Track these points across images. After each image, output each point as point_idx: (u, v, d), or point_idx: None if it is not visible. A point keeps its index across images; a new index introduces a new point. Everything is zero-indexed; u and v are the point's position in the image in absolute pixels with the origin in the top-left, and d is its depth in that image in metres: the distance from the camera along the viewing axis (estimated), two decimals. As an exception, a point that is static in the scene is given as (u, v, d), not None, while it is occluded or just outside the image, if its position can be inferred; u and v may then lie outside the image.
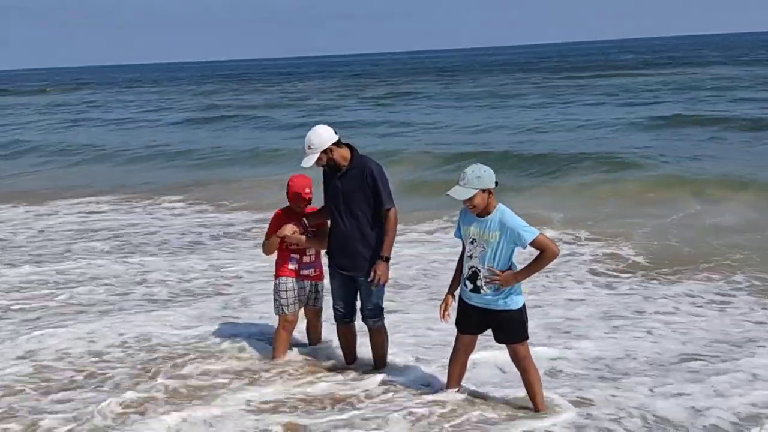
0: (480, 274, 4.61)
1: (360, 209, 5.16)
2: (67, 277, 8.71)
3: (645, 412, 4.85)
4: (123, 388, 5.36)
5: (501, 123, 24.12)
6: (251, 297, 7.65)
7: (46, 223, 12.46)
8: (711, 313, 6.95)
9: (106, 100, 49.63)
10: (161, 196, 14.59)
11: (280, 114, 31.58)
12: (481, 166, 4.56)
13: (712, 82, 35.39)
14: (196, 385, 5.43)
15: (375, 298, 5.30)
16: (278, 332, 5.69)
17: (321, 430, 4.70)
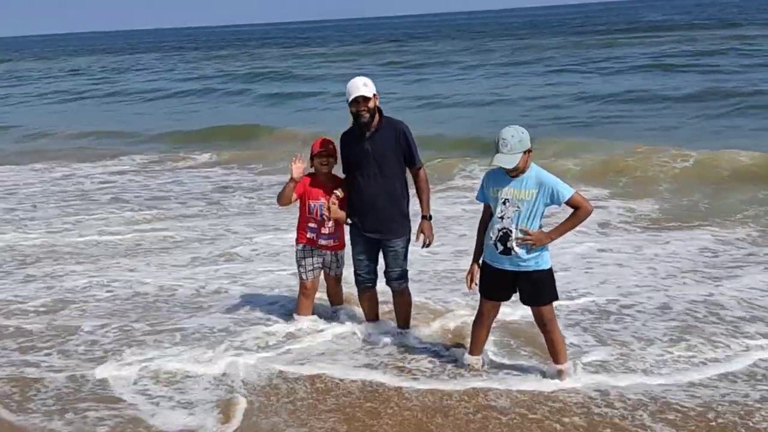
0: (512, 235, 4.54)
1: (392, 171, 5.12)
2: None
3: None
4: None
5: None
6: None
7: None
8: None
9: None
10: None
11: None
12: (518, 128, 4.47)
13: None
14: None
15: (401, 261, 5.29)
16: (299, 298, 5.81)
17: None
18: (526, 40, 51.11)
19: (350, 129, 5.24)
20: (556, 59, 33.67)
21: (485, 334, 4.97)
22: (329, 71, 35.60)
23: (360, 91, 4.97)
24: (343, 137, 5.31)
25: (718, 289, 6.43)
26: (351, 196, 5.32)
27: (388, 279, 5.37)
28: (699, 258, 7.39)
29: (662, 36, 42.81)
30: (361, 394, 4.80)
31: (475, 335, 4.98)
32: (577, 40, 45.06)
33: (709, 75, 23.43)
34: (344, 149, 5.29)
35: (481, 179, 4.79)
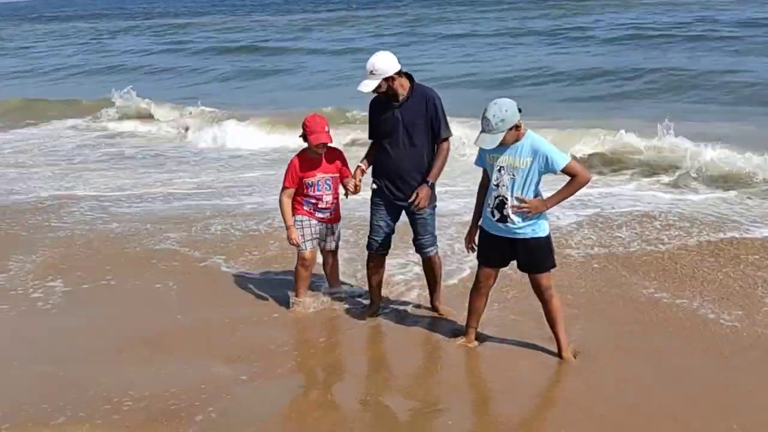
0: (508, 203, 4.54)
1: (420, 140, 5.10)
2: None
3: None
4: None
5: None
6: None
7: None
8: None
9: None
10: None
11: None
12: (501, 106, 4.38)
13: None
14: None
15: (431, 228, 5.31)
16: (297, 269, 5.69)
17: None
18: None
19: (379, 95, 5.16)
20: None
21: (483, 303, 4.95)
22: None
23: (362, 88, 5.00)
24: (373, 103, 5.27)
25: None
26: (378, 163, 5.28)
27: (419, 247, 5.36)
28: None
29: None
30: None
31: (473, 305, 4.96)
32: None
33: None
34: (374, 116, 5.25)
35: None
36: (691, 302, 5.67)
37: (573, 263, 6.56)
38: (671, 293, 5.85)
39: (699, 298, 5.75)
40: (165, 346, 5.22)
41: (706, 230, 7.28)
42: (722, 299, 5.71)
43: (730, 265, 6.39)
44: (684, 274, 6.25)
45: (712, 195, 8.64)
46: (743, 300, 5.69)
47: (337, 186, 5.56)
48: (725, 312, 5.46)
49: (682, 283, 6.06)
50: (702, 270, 6.32)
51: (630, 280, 6.18)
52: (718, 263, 6.45)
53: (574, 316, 5.32)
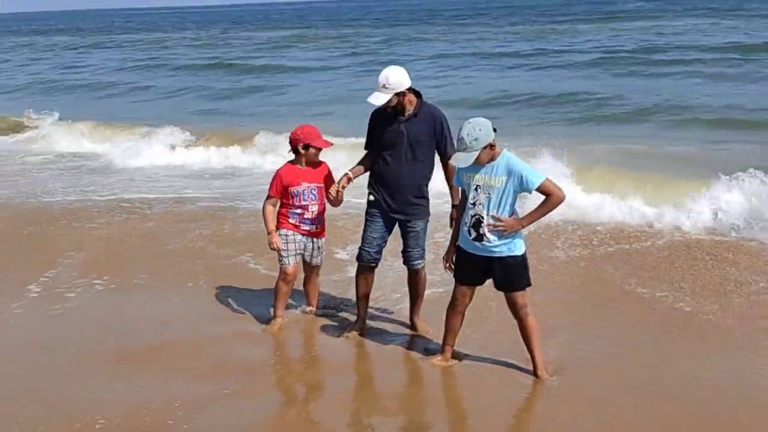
0: (483, 221, 4.58)
1: (423, 155, 5.18)
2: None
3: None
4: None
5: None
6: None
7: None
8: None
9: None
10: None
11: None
12: (475, 125, 4.46)
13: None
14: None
15: (422, 242, 5.38)
16: (278, 284, 5.67)
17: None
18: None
19: (384, 107, 5.19)
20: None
21: (459, 321, 4.97)
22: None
23: (373, 100, 5.06)
24: (376, 114, 5.30)
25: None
26: (378, 175, 5.31)
27: (408, 259, 5.41)
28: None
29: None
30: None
31: (449, 322, 4.98)
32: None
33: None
34: (376, 127, 5.28)
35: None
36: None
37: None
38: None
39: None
40: (140, 360, 5.20)
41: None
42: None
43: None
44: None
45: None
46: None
47: (323, 196, 5.58)
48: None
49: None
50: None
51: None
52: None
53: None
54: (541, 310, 5.10)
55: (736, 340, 5.41)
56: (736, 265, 6.93)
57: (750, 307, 6.01)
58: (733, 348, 5.30)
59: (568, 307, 6.11)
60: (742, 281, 6.55)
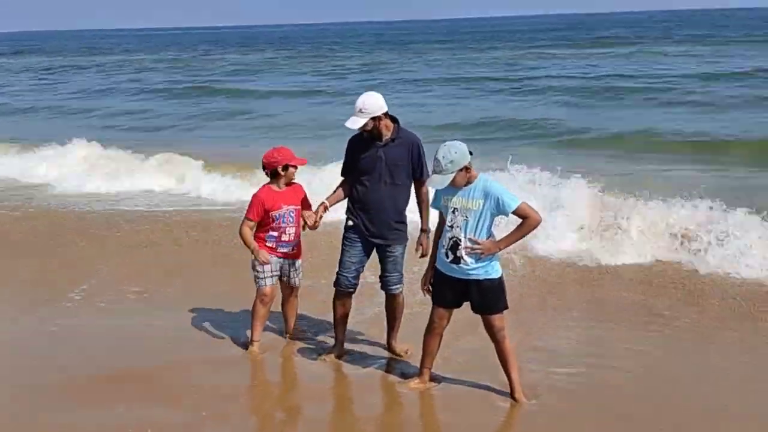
0: (461, 244, 4.60)
1: (401, 180, 5.23)
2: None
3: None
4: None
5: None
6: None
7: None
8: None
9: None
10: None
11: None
12: (451, 148, 4.52)
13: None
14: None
15: (400, 266, 5.40)
16: (255, 306, 5.63)
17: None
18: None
19: (361, 133, 5.25)
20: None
21: (437, 344, 4.96)
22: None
23: (350, 124, 5.11)
24: (353, 140, 5.35)
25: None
26: (356, 199, 5.33)
27: (386, 283, 5.42)
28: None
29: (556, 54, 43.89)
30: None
31: (427, 345, 4.97)
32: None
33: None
34: (353, 153, 5.32)
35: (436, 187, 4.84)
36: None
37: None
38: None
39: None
40: (114, 385, 5.12)
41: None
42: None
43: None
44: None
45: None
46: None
47: (300, 218, 5.59)
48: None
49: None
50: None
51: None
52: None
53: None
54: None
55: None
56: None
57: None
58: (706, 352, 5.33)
59: (546, 330, 6.13)
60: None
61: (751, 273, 7.14)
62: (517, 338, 5.23)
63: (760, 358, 5.58)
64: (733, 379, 5.18)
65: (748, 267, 7.21)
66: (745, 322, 6.19)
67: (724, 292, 6.83)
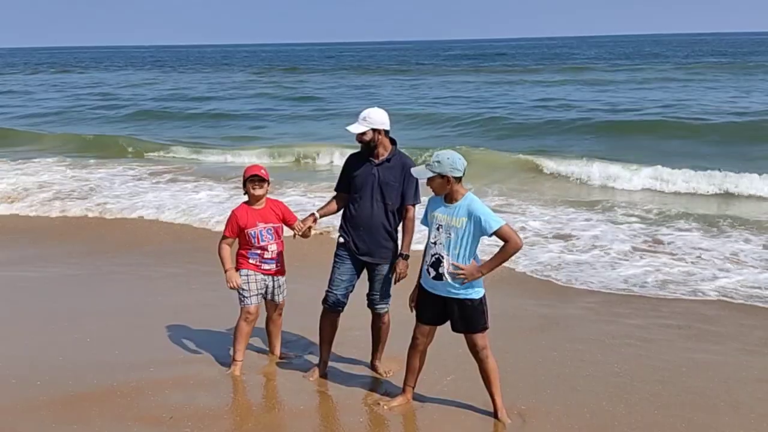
0: (443, 261, 4.62)
1: (391, 200, 5.26)
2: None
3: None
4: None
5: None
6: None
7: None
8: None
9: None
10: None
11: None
12: (446, 153, 4.60)
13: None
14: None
15: (387, 286, 5.41)
16: (239, 324, 5.59)
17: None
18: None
19: (360, 151, 5.35)
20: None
21: (420, 361, 4.95)
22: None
23: (351, 128, 5.22)
24: (351, 157, 5.44)
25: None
26: (347, 217, 5.37)
27: (372, 302, 5.42)
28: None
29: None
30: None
31: (410, 363, 4.96)
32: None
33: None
34: (349, 168, 5.38)
35: (427, 202, 4.87)
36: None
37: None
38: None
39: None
40: (91, 404, 5.04)
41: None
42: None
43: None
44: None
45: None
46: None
47: (280, 235, 5.59)
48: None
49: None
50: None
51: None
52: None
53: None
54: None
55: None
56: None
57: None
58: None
59: (528, 349, 6.14)
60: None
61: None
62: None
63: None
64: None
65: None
66: None
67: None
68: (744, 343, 6.31)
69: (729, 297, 7.48)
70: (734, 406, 5.11)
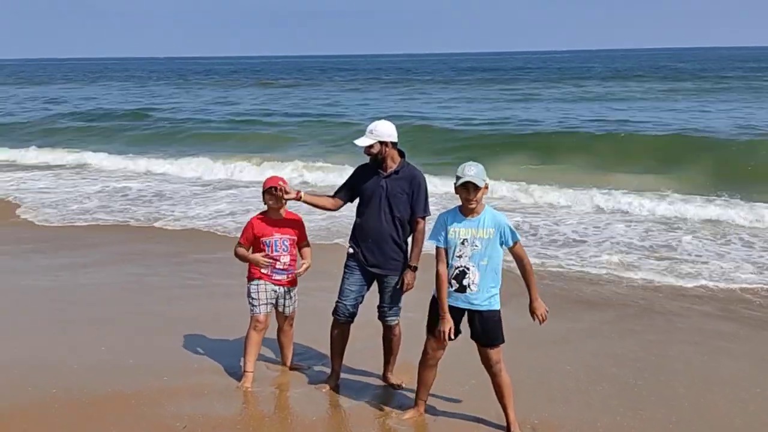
0: (468, 273, 4.65)
1: (400, 212, 5.27)
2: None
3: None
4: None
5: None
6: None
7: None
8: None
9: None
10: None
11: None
12: (472, 163, 4.65)
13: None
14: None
15: (398, 298, 5.41)
16: (249, 333, 5.59)
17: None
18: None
19: (370, 162, 5.37)
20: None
21: (432, 375, 4.94)
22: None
23: (358, 142, 5.25)
24: (359, 168, 5.45)
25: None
26: (357, 228, 5.39)
27: (382, 314, 5.43)
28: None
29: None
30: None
31: (422, 376, 4.95)
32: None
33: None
34: (357, 180, 5.39)
35: (437, 222, 4.82)
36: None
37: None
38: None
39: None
40: (100, 411, 5.06)
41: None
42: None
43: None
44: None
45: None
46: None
47: (295, 249, 5.62)
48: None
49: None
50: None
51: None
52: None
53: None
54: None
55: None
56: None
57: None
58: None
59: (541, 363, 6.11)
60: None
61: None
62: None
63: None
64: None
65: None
66: None
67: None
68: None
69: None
70: (750, 424, 5.06)
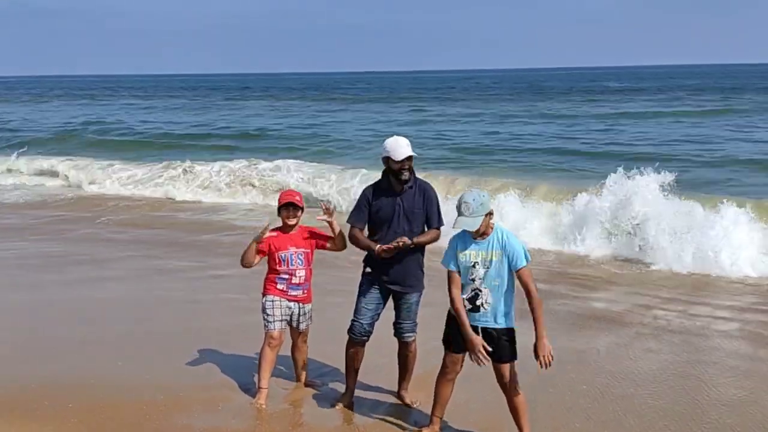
0: (481, 294, 4.64)
1: (418, 228, 5.30)
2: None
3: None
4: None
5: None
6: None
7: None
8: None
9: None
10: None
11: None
12: (479, 192, 4.64)
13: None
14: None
15: (414, 314, 5.42)
16: (263, 350, 5.59)
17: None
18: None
19: (378, 183, 5.37)
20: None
21: (449, 391, 4.93)
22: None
23: (409, 150, 5.21)
24: (369, 191, 5.41)
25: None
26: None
27: (399, 331, 5.43)
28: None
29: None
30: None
31: (439, 392, 4.93)
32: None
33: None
34: (373, 202, 5.34)
35: (448, 246, 4.82)
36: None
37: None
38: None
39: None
40: (119, 424, 5.08)
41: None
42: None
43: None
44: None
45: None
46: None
47: (310, 262, 5.63)
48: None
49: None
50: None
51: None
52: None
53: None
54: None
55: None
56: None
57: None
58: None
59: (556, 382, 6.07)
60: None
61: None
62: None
63: None
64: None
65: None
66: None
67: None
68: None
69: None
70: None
